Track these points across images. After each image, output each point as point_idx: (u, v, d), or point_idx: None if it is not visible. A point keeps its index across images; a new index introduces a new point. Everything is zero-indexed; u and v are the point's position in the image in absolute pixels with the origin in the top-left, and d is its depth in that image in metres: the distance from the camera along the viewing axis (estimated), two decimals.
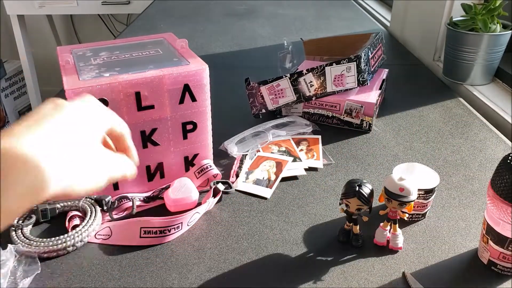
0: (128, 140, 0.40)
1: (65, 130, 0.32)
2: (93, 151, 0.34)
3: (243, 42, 1.24)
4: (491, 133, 0.75)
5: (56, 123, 0.32)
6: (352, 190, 0.47)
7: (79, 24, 2.63)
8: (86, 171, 0.33)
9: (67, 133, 0.32)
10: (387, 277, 0.47)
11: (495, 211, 0.44)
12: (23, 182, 0.28)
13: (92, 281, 0.46)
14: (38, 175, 0.29)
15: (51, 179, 0.30)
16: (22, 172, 0.28)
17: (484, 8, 0.83)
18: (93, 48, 0.60)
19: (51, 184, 0.30)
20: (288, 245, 0.51)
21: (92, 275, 0.47)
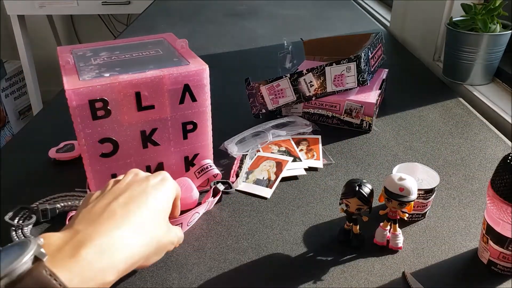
0: (177, 202, 0.46)
1: (148, 215, 0.38)
2: (161, 233, 0.39)
3: (243, 42, 1.24)
4: (491, 133, 0.75)
5: (140, 207, 0.38)
6: (352, 190, 0.47)
7: (79, 24, 2.63)
8: (157, 251, 0.38)
9: (149, 219, 0.38)
10: (387, 277, 0.47)
11: (495, 211, 0.44)
12: None
13: None
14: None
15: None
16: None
17: (484, 8, 0.83)
18: (93, 48, 0.60)
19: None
20: (288, 245, 0.51)
21: None
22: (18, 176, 0.63)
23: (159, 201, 0.39)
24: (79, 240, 0.32)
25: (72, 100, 0.48)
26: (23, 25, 2.19)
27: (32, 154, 0.69)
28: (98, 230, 0.33)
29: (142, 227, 0.36)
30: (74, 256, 0.31)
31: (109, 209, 0.36)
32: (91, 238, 0.33)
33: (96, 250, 0.32)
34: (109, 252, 0.33)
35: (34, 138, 0.75)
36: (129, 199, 0.38)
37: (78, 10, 2.14)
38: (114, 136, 0.53)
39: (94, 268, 0.31)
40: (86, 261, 0.31)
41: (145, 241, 0.36)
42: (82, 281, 0.30)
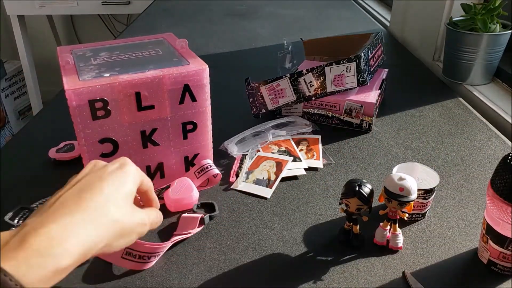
0: (152, 194, 0.44)
1: (104, 200, 0.36)
2: (127, 213, 0.38)
3: (243, 42, 1.24)
4: (490, 133, 0.75)
5: (96, 194, 0.36)
6: (352, 190, 0.47)
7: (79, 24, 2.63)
8: (122, 232, 0.37)
9: (106, 203, 0.36)
10: (387, 277, 0.47)
11: (495, 211, 0.44)
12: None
13: (92, 281, 0.46)
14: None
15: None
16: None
17: (484, 8, 0.83)
18: (93, 48, 0.60)
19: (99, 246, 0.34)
20: (288, 245, 0.51)
21: (92, 275, 0.47)
22: (18, 176, 0.63)
23: (117, 186, 0.38)
24: (26, 231, 0.31)
25: (72, 100, 0.48)
26: (23, 25, 2.19)
27: (32, 154, 0.69)
28: (47, 220, 0.32)
29: (97, 212, 0.35)
30: (20, 246, 0.30)
31: (60, 199, 0.35)
32: (38, 227, 0.32)
33: (44, 238, 0.31)
34: (59, 239, 0.31)
35: (34, 138, 0.75)
36: (83, 187, 0.37)
37: (78, 10, 2.14)
38: (114, 136, 0.53)
39: (44, 254, 0.30)
40: (32, 248, 0.30)
41: (102, 225, 0.35)
42: (30, 267, 0.29)
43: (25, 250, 0.30)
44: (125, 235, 0.37)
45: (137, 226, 0.39)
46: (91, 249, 0.34)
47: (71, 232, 0.32)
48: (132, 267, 0.48)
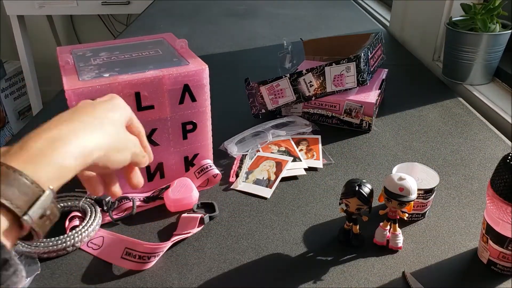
0: (144, 138, 0.43)
1: (98, 116, 0.37)
2: (120, 131, 0.38)
3: (243, 42, 1.24)
4: (490, 133, 0.75)
5: (90, 112, 0.37)
6: (352, 190, 0.47)
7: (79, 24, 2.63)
8: (117, 146, 0.37)
9: (100, 118, 0.37)
10: (387, 277, 0.47)
11: (494, 210, 0.44)
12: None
13: (92, 281, 0.46)
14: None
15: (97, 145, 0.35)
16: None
17: (484, 7, 0.83)
18: (93, 49, 0.60)
19: (96, 149, 0.35)
20: (288, 245, 0.51)
21: (92, 275, 0.47)
22: None
23: (108, 110, 0.39)
24: (25, 139, 0.32)
25: (72, 100, 0.48)
26: (22, 25, 2.19)
27: None
28: (45, 129, 0.33)
29: (94, 122, 0.36)
30: (22, 149, 0.31)
31: (55, 117, 0.35)
32: (38, 133, 0.32)
33: (44, 141, 0.32)
34: (60, 141, 0.32)
35: None
36: (76, 109, 0.37)
37: (77, 10, 2.13)
38: None
39: (47, 154, 0.31)
40: (35, 149, 0.31)
41: (99, 132, 0.36)
42: (36, 164, 0.30)
43: (28, 151, 0.30)
44: (121, 150, 0.38)
45: (130, 144, 0.40)
46: (91, 153, 0.34)
47: (71, 135, 0.33)
48: (132, 267, 0.48)
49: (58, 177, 0.31)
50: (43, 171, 0.30)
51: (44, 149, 0.31)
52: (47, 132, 0.32)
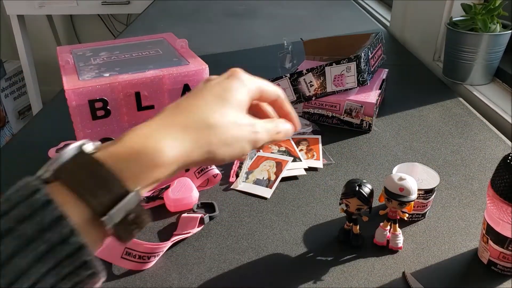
0: (285, 104, 0.40)
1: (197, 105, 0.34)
2: (232, 119, 0.34)
3: (243, 42, 1.24)
4: (491, 133, 0.75)
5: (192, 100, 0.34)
6: (352, 190, 0.47)
7: (79, 24, 2.63)
8: (223, 140, 0.34)
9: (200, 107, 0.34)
10: (387, 277, 0.47)
11: (495, 211, 0.44)
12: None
13: None
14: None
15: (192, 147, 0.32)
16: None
17: (484, 8, 0.83)
18: (93, 48, 0.60)
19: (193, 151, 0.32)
20: (288, 245, 0.51)
21: None
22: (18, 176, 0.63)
23: (220, 93, 0.35)
24: (126, 132, 0.30)
25: (72, 100, 0.48)
26: (22, 25, 2.19)
27: (32, 154, 0.69)
28: (142, 125, 0.31)
29: (193, 116, 0.33)
30: (116, 143, 0.29)
31: (162, 113, 0.33)
32: (135, 129, 0.31)
33: (140, 138, 0.29)
34: (153, 139, 0.30)
35: (34, 138, 0.75)
36: (186, 96, 0.35)
37: (77, 10, 2.14)
38: (114, 136, 0.53)
39: (140, 152, 0.29)
40: (129, 144, 0.29)
41: (196, 130, 0.32)
42: (125, 161, 0.28)
43: (121, 147, 0.29)
44: (230, 143, 0.34)
45: (245, 133, 0.35)
46: (192, 152, 0.32)
47: (168, 127, 0.31)
48: (132, 267, 0.48)
49: (148, 178, 0.29)
50: (132, 170, 0.28)
51: (137, 146, 0.29)
52: (143, 128, 0.31)
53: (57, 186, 0.27)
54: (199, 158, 0.32)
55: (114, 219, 0.27)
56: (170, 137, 0.31)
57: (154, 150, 0.29)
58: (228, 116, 0.34)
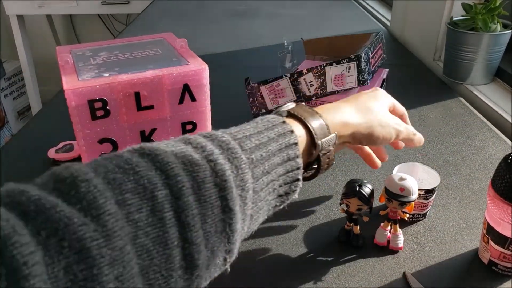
0: (407, 119, 0.51)
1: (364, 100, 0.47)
2: (382, 111, 0.46)
3: (243, 41, 1.24)
4: (491, 133, 0.75)
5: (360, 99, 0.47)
6: (353, 190, 0.47)
7: (78, 24, 2.63)
8: (379, 122, 0.45)
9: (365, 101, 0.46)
10: (387, 277, 0.47)
11: (495, 211, 0.44)
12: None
13: None
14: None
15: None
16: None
17: (485, 7, 0.83)
18: (93, 48, 0.60)
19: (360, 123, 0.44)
20: (288, 245, 0.51)
21: None
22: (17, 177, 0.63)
23: (373, 96, 0.47)
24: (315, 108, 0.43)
25: (71, 100, 0.48)
26: (22, 25, 2.19)
27: (31, 155, 0.69)
28: (330, 105, 0.45)
29: (360, 103, 0.45)
30: (321, 107, 0.44)
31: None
32: (326, 109, 0.43)
33: (335, 108, 0.44)
34: (341, 111, 0.43)
35: (33, 138, 0.75)
36: (347, 98, 0.47)
37: (77, 10, 2.13)
38: (113, 137, 0.52)
39: (336, 112, 0.43)
40: (327, 108, 0.43)
41: (365, 112, 0.45)
42: (329, 114, 0.42)
43: (324, 108, 0.43)
44: (384, 125, 0.45)
45: (393, 122, 0.46)
46: (357, 127, 0.43)
47: (344, 111, 0.44)
48: None
49: (339, 129, 0.42)
50: (332, 121, 0.41)
51: (333, 111, 0.43)
52: (334, 103, 0.45)
53: (291, 120, 0.40)
54: (364, 131, 0.44)
55: (324, 145, 0.40)
56: (348, 113, 0.44)
57: (343, 117, 0.43)
58: (382, 107, 0.46)
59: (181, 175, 0.29)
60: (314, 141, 0.39)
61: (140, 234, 0.27)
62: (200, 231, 0.30)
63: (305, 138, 0.39)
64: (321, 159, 0.40)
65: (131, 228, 0.26)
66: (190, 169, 0.30)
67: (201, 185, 0.30)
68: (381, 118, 0.45)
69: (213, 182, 0.31)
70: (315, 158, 0.41)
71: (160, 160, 0.30)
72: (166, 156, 0.30)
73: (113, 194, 0.27)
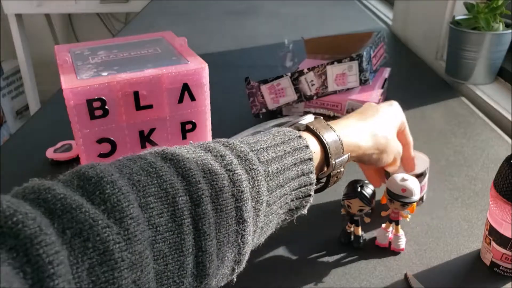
0: (410, 149, 0.52)
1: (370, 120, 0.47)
2: (393, 138, 0.47)
3: (243, 40, 1.23)
4: (493, 133, 0.74)
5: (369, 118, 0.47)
6: (354, 191, 0.46)
7: (77, 23, 2.62)
8: (386, 149, 0.46)
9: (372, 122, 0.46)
10: (389, 279, 0.46)
11: (497, 211, 0.44)
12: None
13: None
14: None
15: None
16: None
17: (487, 6, 0.83)
18: (91, 47, 0.60)
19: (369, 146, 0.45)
20: (288, 245, 0.51)
21: None
22: (16, 177, 0.62)
23: (389, 115, 0.48)
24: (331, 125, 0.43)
25: (69, 99, 0.48)
26: (20, 24, 2.18)
27: (30, 154, 0.68)
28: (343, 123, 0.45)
29: (374, 125, 0.45)
30: (337, 122, 0.44)
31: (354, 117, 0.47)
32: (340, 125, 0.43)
33: (351, 124, 0.44)
34: (358, 130, 0.44)
35: (32, 138, 0.74)
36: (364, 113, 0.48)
37: (76, 9, 2.13)
38: (112, 136, 0.52)
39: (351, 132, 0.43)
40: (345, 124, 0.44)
41: (376, 136, 0.45)
42: (345, 133, 0.42)
43: (340, 124, 0.43)
44: (387, 152, 0.46)
45: (396, 150, 0.47)
46: (367, 151, 0.44)
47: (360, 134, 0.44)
48: None
49: (352, 149, 0.42)
50: (347, 141, 0.42)
51: (350, 129, 0.43)
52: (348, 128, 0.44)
53: (308, 135, 0.40)
54: (372, 156, 0.45)
55: (336, 166, 0.40)
56: (363, 135, 0.44)
57: (358, 138, 0.43)
58: (393, 131, 0.47)
59: (201, 183, 0.30)
60: (328, 158, 0.40)
61: (159, 239, 0.27)
62: (214, 240, 0.30)
63: (319, 154, 0.40)
64: (330, 178, 0.41)
65: (151, 232, 0.27)
66: (210, 178, 0.30)
67: (219, 194, 0.30)
68: (390, 146, 0.46)
69: (230, 192, 0.31)
70: (325, 176, 0.41)
71: (182, 166, 0.30)
72: (188, 162, 0.30)
73: (137, 196, 0.27)
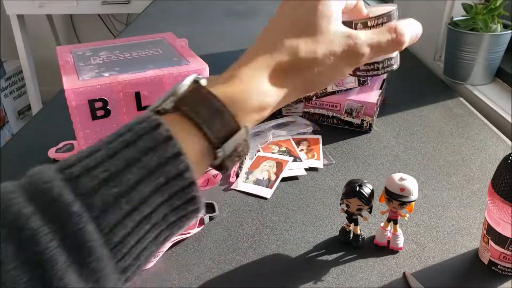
0: (362, 9, 0.38)
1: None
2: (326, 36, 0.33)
3: (244, 41, 1.24)
4: (491, 133, 0.75)
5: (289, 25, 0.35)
6: (353, 190, 0.47)
7: (78, 24, 2.63)
8: (311, 65, 0.33)
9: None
10: (387, 277, 0.47)
11: (495, 211, 0.44)
12: None
13: None
14: None
15: None
16: None
17: (485, 7, 0.83)
18: (93, 48, 0.60)
19: None
20: (288, 245, 0.51)
21: None
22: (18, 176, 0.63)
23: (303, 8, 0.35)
24: (235, 66, 0.33)
25: (71, 100, 0.48)
26: (22, 25, 2.19)
27: (32, 154, 0.69)
28: (242, 61, 0.34)
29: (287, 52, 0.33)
30: (225, 80, 0.31)
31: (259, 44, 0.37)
32: (237, 68, 0.33)
33: (245, 77, 0.32)
34: (257, 79, 0.31)
35: (34, 138, 0.75)
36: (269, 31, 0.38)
37: (77, 10, 2.13)
38: None
39: (248, 90, 0.30)
40: (239, 82, 0.31)
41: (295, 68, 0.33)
42: (238, 100, 0.30)
43: (230, 86, 0.31)
44: (319, 67, 0.33)
45: (336, 48, 0.33)
46: (286, 99, 0.33)
47: (266, 75, 0.32)
48: None
49: (254, 118, 0.31)
50: (243, 107, 0.30)
51: (246, 88, 0.31)
52: (246, 69, 0.33)
53: (177, 117, 0.28)
54: (297, 97, 0.34)
55: (226, 151, 0.29)
56: (273, 80, 0.32)
57: (261, 93, 0.31)
58: (324, 29, 0.33)
59: None
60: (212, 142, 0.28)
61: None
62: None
63: (198, 139, 0.28)
64: (227, 163, 0.30)
65: None
66: None
67: None
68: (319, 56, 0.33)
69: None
70: (216, 166, 0.30)
71: None
72: None
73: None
